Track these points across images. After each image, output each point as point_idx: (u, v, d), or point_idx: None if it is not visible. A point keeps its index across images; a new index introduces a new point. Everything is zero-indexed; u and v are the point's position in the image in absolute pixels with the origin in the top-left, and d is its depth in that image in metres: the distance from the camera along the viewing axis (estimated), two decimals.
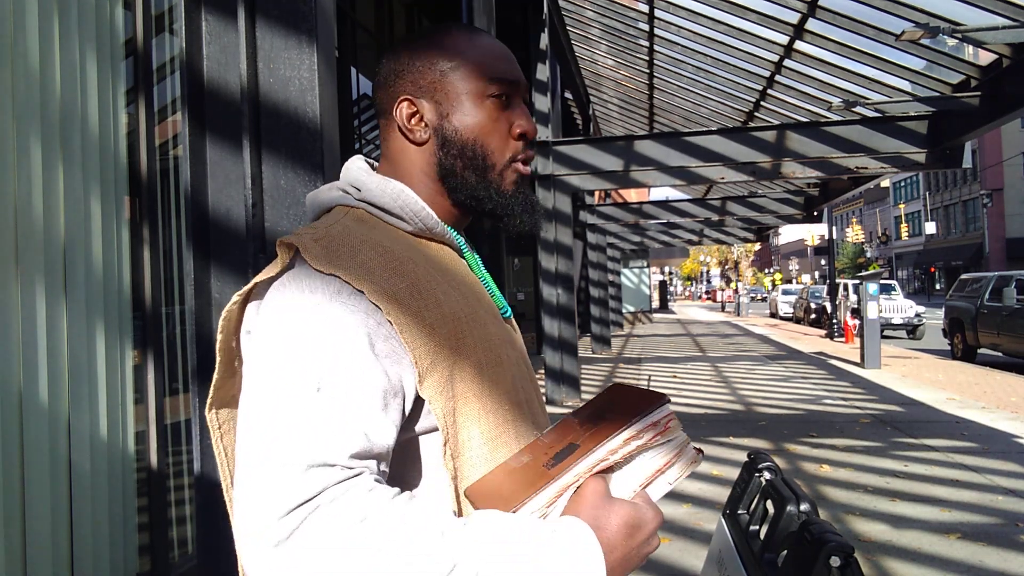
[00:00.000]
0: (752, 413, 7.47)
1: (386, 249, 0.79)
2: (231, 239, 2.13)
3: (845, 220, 71.12)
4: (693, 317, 31.17)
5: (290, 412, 0.69)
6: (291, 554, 0.63)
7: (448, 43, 0.90)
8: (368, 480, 0.68)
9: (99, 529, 1.95)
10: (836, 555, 0.82)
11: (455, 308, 0.80)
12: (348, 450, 0.68)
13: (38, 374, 1.78)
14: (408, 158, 0.91)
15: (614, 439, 0.70)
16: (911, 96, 7.70)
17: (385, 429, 0.72)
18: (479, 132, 0.88)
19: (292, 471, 0.65)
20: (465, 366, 0.78)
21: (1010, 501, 4.37)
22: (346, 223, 0.83)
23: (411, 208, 0.86)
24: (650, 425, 0.71)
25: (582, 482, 0.71)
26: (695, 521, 4.07)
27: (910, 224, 56.26)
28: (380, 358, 0.73)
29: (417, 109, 0.89)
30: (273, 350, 0.73)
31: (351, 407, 0.70)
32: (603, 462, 0.70)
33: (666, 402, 0.72)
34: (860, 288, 11.36)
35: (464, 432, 0.78)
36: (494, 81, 0.88)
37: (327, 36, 2.15)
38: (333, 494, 0.65)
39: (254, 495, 0.66)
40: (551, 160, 8.53)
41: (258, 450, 0.68)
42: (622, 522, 0.69)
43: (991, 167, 41.91)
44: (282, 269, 0.78)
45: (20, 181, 1.76)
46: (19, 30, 1.78)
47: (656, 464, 0.73)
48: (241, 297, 0.81)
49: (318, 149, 2.05)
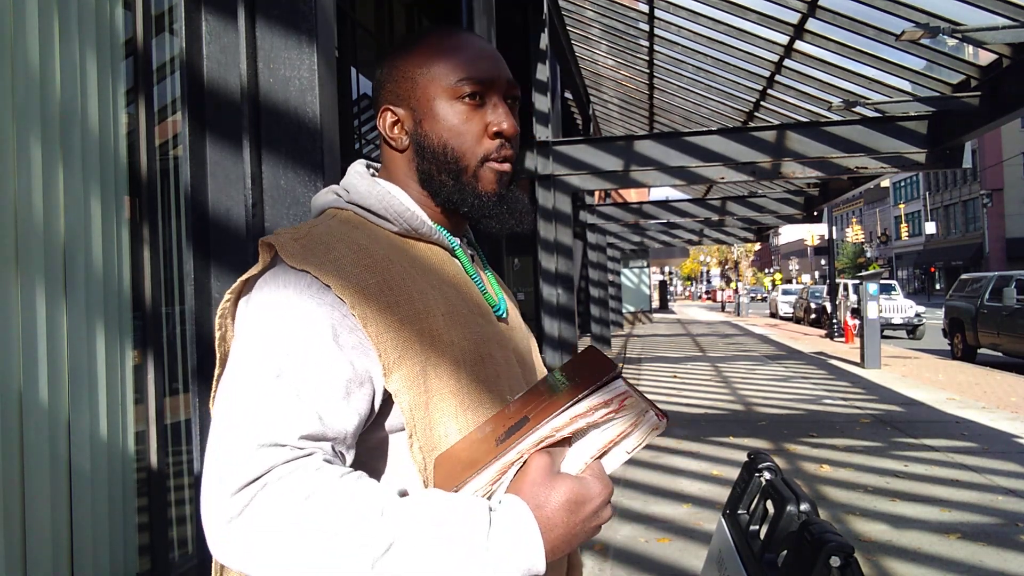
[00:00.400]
0: (752, 413, 7.47)
1: (361, 247, 0.82)
2: (231, 239, 2.13)
3: (845, 220, 71.12)
4: (693, 317, 31.18)
5: (248, 397, 0.72)
6: (241, 530, 0.66)
7: (421, 48, 0.91)
8: (317, 460, 0.70)
9: (99, 529, 1.95)
10: (836, 555, 0.82)
11: (431, 305, 0.82)
12: (299, 431, 0.70)
13: (38, 374, 1.78)
14: (395, 165, 0.94)
15: (560, 416, 0.68)
16: (911, 96, 7.70)
17: (343, 414, 0.74)
18: (449, 135, 0.89)
19: (243, 450, 0.69)
20: (441, 362, 0.80)
21: (1010, 501, 4.37)
22: (330, 224, 0.86)
23: (395, 209, 0.88)
24: (600, 403, 0.68)
25: (527, 458, 0.70)
26: (695, 521, 4.07)
27: (910, 224, 56.25)
28: (345, 349, 0.75)
29: (397, 117, 0.91)
30: (245, 342, 0.77)
31: (306, 391, 0.72)
32: (548, 439, 0.69)
33: (617, 377, 0.68)
34: (860, 288, 11.36)
35: (440, 427, 0.79)
36: (463, 81, 0.88)
37: (327, 36, 2.15)
38: (280, 472, 0.68)
39: (212, 474, 0.70)
40: (551, 160, 8.53)
41: (218, 432, 0.72)
42: (564, 499, 0.69)
43: (991, 167, 41.91)
44: (263, 267, 0.82)
45: (20, 181, 1.76)
46: (19, 30, 1.78)
47: (608, 436, 0.70)
48: (233, 295, 0.85)
49: (318, 149, 2.05)
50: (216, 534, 0.68)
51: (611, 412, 0.68)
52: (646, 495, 4.58)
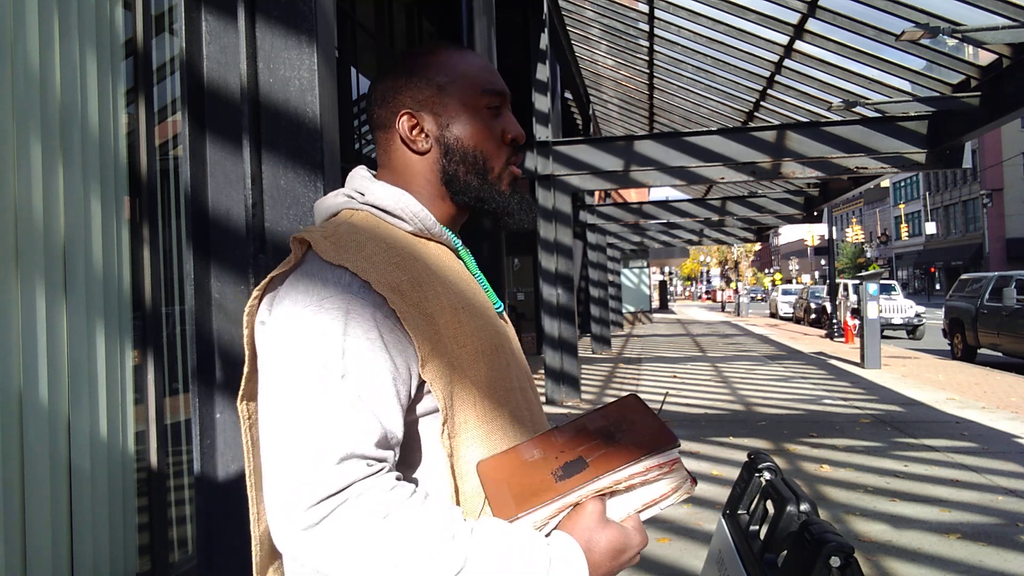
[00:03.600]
0: (752, 413, 7.47)
1: (388, 245, 0.87)
2: (231, 239, 2.13)
3: (845, 220, 71.12)
4: (693, 317, 31.17)
5: (316, 402, 0.75)
6: (319, 540, 0.71)
7: (442, 60, 0.98)
8: (391, 477, 0.75)
9: (99, 529, 1.95)
10: (836, 555, 0.82)
11: (452, 300, 0.87)
12: (370, 440, 0.75)
13: (38, 374, 1.78)
14: (410, 166, 0.98)
15: (622, 471, 0.75)
16: (911, 96, 7.70)
17: (398, 417, 0.79)
18: (478, 140, 0.97)
19: (325, 462, 0.72)
20: (462, 354, 0.85)
21: (1010, 501, 4.37)
22: (352, 222, 0.90)
23: (411, 210, 0.93)
24: (656, 466, 0.76)
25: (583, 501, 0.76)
26: (695, 521, 4.07)
27: (910, 224, 56.25)
28: (389, 347, 0.80)
29: (418, 122, 0.97)
30: (291, 341, 0.79)
31: (367, 395, 0.76)
32: (605, 490, 0.76)
33: (676, 445, 0.76)
34: (860, 288, 11.36)
35: (460, 415, 0.84)
36: (486, 93, 0.97)
37: (327, 36, 2.15)
38: (360, 489, 0.72)
39: (285, 481, 0.73)
40: (551, 160, 8.53)
41: (289, 440, 0.74)
42: (610, 546, 0.76)
43: (991, 167, 41.91)
44: (295, 263, 0.85)
45: (20, 181, 1.76)
46: (19, 30, 1.78)
47: (653, 494, 0.78)
48: (260, 291, 0.88)
49: (318, 149, 2.05)
50: (289, 540, 0.73)
51: (662, 474, 0.77)
52: None
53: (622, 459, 0.76)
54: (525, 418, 0.93)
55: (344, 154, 2.76)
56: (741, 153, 8.07)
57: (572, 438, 0.82)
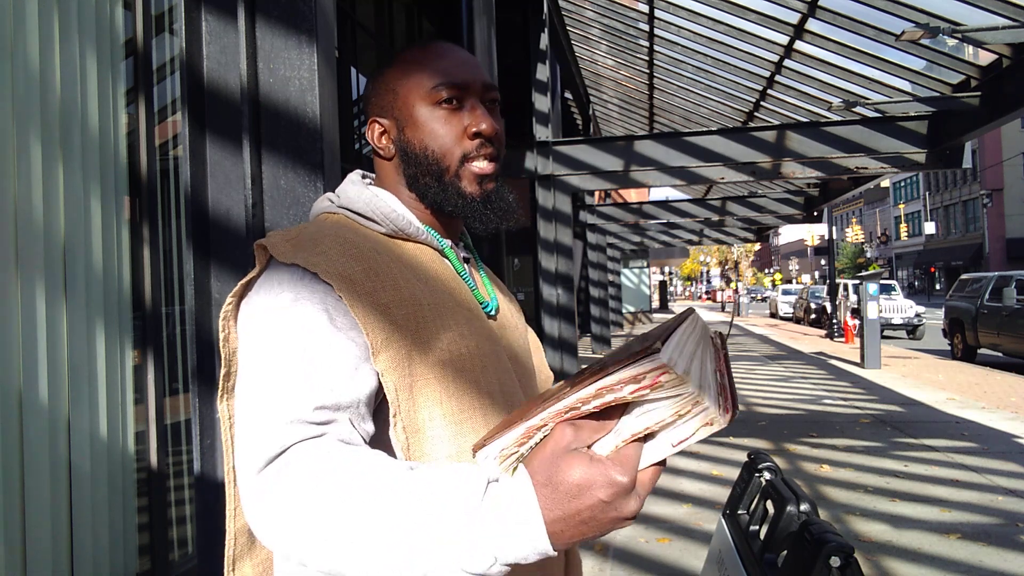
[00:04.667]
0: (752, 413, 7.47)
1: (348, 241, 0.86)
2: (231, 239, 2.13)
3: (845, 220, 71.11)
4: None
5: (262, 384, 0.77)
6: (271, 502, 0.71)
7: (400, 61, 0.97)
8: (331, 439, 0.74)
9: (99, 529, 1.95)
10: (836, 555, 0.82)
11: (417, 295, 0.85)
12: (313, 403, 0.75)
13: (38, 374, 1.78)
14: (385, 172, 0.99)
15: (587, 387, 0.61)
16: (911, 96, 7.70)
17: (353, 385, 0.78)
18: (428, 139, 0.93)
19: (263, 430, 0.74)
20: (425, 350, 0.83)
21: (1010, 501, 4.37)
22: (321, 225, 0.91)
23: (381, 211, 0.93)
24: (630, 378, 0.59)
25: (552, 427, 0.64)
26: (695, 521, 4.07)
27: (910, 224, 56.23)
28: (343, 329, 0.79)
29: (384, 128, 0.97)
30: (252, 339, 0.82)
31: (315, 370, 0.77)
32: (572, 410, 0.62)
33: (653, 353, 0.58)
34: (860, 288, 11.36)
35: (424, 411, 0.82)
36: (439, 87, 0.93)
37: (327, 36, 2.15)
38: (299, 450, 0.72)
39: (239, 459, 0.75)
40: (551, 160, 8.53)
41: (239, 421, 0.78)
42: (571, 479, 0.62)
43: (991, 167, 41.90)
44: (261, 269, 0.86)
45: (20, 181, 1.76)
46: (19, 30, 1.78)
47: (644, 422, 0.62)
48: (235, 298, 0.88)
49: (318, 149, 2.05)
50: (248, 511, 0.73)
51: (641, 388, 0.58)
52: None
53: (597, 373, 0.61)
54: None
55: (344, 154, 2.76)
56: (741, 153, 8.07)
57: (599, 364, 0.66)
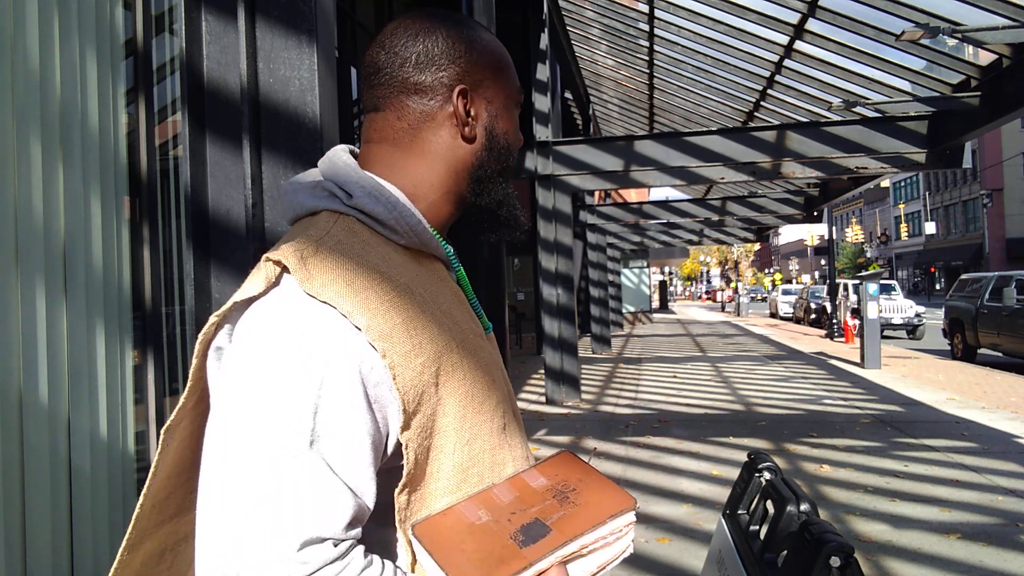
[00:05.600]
0: (752, 413, 7.47)
1: (383, 274, 0.74)
2: (231, 239, 2.13)
3: (845, 220, 71.11)
4: (693, 317, 31.17)
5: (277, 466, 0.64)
6: None
7: (489, 48, 0.86)
8: (359, 554, 0.67)
9: (99, 529, 1.95)
10: (836, 555, 0.82)
11: (449, 338, 0.76)
12: (344, 519, 0.65)
13: (38, 374, 1.78)
14: (444, 153, 0.83)
15: (589, 535, 0.75)
16: (911, 96, 7.70)
17: (372, 487, 0.69)
18: (513, 139, 0.89)
19: (287, 547, 0.62)
20: (450, 399, 0.74)
21: (1010, 501, 4.37)
22: (338, 237, 0.75)
23: (408, 223, 0.79)
24: (618, 529, 0.77)
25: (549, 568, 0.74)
26: (695, 521, 4.07)
27: (910, 224, 56.23)
28: (374, 406, 0.69)
29: (468, 103, 0.84)
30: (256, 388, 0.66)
31: (343, 465, 0.66)
32: (574, 555, 0.75)
33: (634, 508, 0.78)
34: (860, 288, 11.36)
35: (434, 464, 0.74)
36: (520, 92, 0.90)
37: (327, 36, 2.15)
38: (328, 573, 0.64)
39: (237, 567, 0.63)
40: (551, 160, 8.53)
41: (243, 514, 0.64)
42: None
43: (991, 167, 41.90)
44: (267, 288, 0.71)
45: (20, 181, 1.76)
46: (19, 30, 1.78)
47: (607, 557, 0.79)
48: (219, 319, 0.73)
49: (318, 149, 2.05)
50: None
51: (619, 538, 0.78)
52: (646, 495, 4.58)
53: (586, 522, 0.75)
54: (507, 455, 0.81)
55: None
56: (741, 153, 8.07)
57: (518, 498, 0.78)
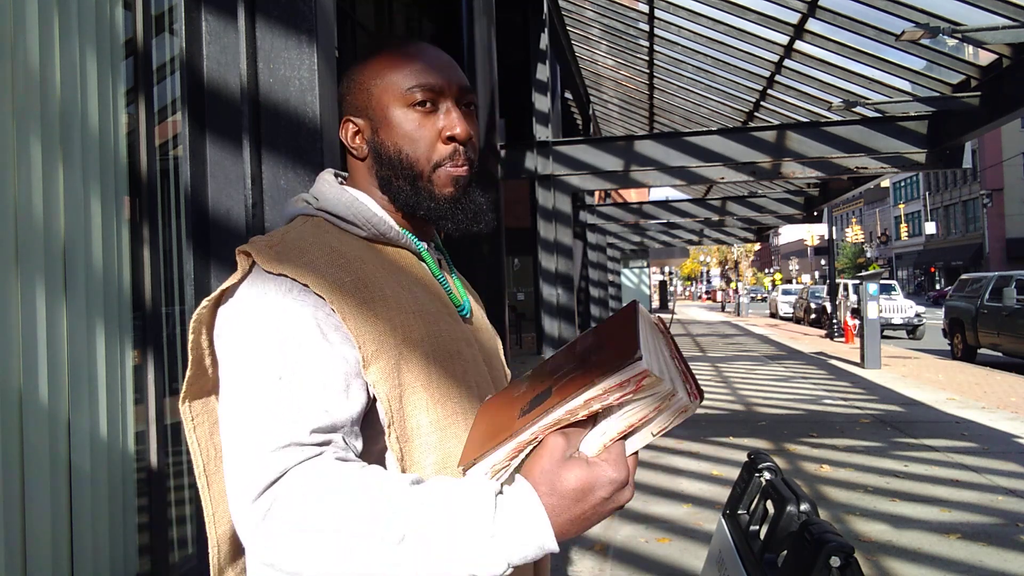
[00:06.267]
0: (752, 413, 7.47)
1: (333, 249, 0.86)
2: (231, 239, 2.13)
3: (845, 220, 71.10)
4: (693, 317, 31.16)
5: (254, 402, 0.76)
6: (267, 533, 0.71)
7: (375, 61, 0.95)
8: (327, 458, 0.74)
9: (99, 529, 1.95)
10: (836, 555, 0.82)
11: (403, 303, 0.86)
12: (308, 426, 0.75)
13: (38, 374, 1.78)
14: (358, 172, 0.98)
15: (576, 398, 0.65)
16: (911, 96, 7.71)
17: (346, 404, 0.78)
18: (403, 142, 0.92)
19: (258, 457, 0.73)
20: (412, 357, 0.83)
21: (1010, 501, 4.37)
22: (301, 230, 0.89)
23: (363, 215, 0.92)
24: (615, 386, 0.64)
25: (543, 438, 0.69)
26: (695, 521, 4.07)
27: (910, 224, 56.22)
28: (334, 344, 0.79)
29: (358, 127, 0.96)
30: (238, 350, 0.80)
31: (308, 388, 0.76)
32: (563, 421, 0.67)
33: (637, 359, 0.63)
34: (860, 288, 11.36)
35: (412, 420, 0.83)
36: (413, 89, 0.91)
37: (327, 36, 2.15)
38: (297, 471, 0.72)
39: (234, 483, 0.75)
40: (551, 160, 8.54)
41: (233, 442, 0.76)
42: (573, 486, 0.67)
43: (991, 167, 41.90)
44: (243, 275, 0.84)
45: (20, 181, 1.76)
46: (19, 30, 1.78)
47: (628, 420, 0.68)
48: (211, 302, 0.86)
49: (318, 149, 2.05)
50: (246, 539, 0.73)
51: (627, 394, 0.65)
52: (646, 495, 4.58)
53: (580, 384, 0.65)
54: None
55: (344, 154, 2.75)
56: (741, 153, 8.08)
57: (557, 365, 0.74)
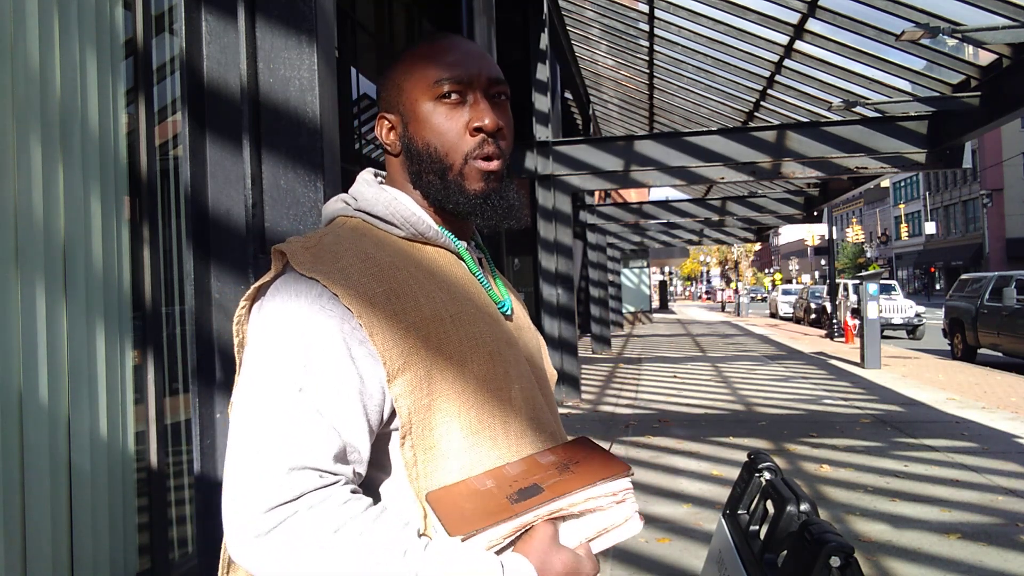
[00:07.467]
0: (752, 413, 7.47)
1: (368, 256, 0.84)
2: (231, 239, 2.13)
3: (845, 220, 71.10)
4: (693, 317, 31.16)
5: (272, 411, 0.76)
6: (269, 548, 0.71)
7: (407, 56, 0.95)
8: (345, 491, 0.75)
9: (99, 529, 1.95)
10: (836, 555, 0.82)
11: (439, 309, 0.85)
12: (326, 453, 0.75)
13: (38, 374, 1.78)
14: (394, 170, 0.97)
15: (576, 494, 0.77)
16: (911, 96, 7.70)
17: (362, 432, 0.78)
18: (431, 136, 0.91)
19: (276, 471, 0.73)
20: (446, 365, 0.83)
21: (1010, 501, 4.37)
22: (339, 232, 0.89)
23: (402, 215, 0.91)
24: (611, 493, 0.79)
25: (535, 524, 0.77)
26: (695, 521, 4.07)
27: (910, 224, 56.22)
28: (356, 360, 0.79)
29: (391, 124, 0.95)
30: (262, 351, 0.80)
31: (328, 408, 0.76)
32: (561, 511, 0.77)
33: (630, 474, 0.80)
34: (860, 288, 11.36)
35: (441, 427, 0.82)
36: (440, 82, 0.90)
37: (327, 36, 2.15)
38: (311, 501, 0.72)
39: (240, 487, 0.74)
40: (551, 160, 8.53)
41: (246, 446, 0.75)
42: (564, 568, 0.75)
43: (991, 167, 41.89)
44: (276, 274, 0.84)
45: (20, 181, 1.76)
46: (19, 30, 1.78)
47: (604, 523, 0.80)
48: (248, 301, 0.87)
49: (318, 149, 2.05)
50: (241, 546, 0.73)
51: (614, 502, 0.79)
52: (646, 495, 4.58)
53: (576, 484, 0.77)
54: (526, 425, 0.88)
55: (344, 154, 2.75)
56: (741, 153, 8.07)
57: (525, 470, 0.83)
